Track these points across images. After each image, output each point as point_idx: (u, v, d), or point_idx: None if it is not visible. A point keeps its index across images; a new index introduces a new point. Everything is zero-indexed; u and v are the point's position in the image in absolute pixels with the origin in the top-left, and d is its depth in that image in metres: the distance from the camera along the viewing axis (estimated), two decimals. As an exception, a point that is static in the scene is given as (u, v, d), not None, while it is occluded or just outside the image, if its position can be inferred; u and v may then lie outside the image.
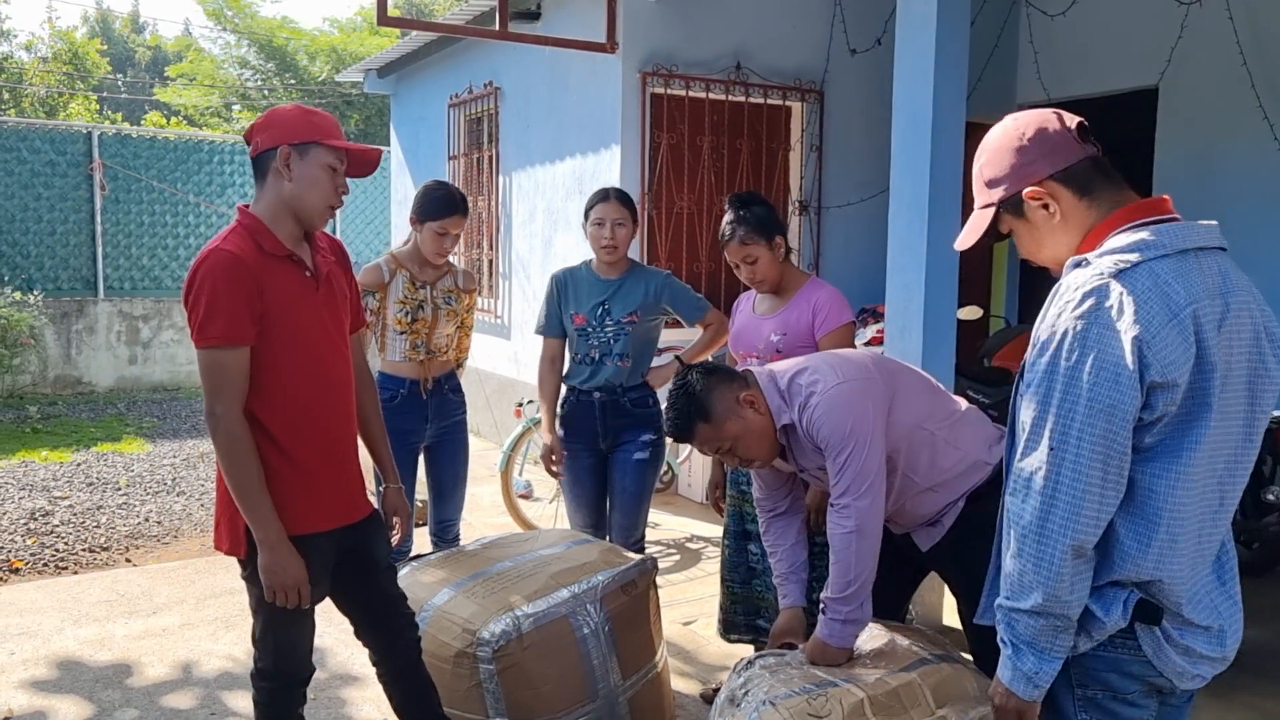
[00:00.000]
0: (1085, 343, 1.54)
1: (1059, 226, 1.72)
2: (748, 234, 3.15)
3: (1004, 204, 1.76)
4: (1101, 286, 1.56)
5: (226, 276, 2.18)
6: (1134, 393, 1.52)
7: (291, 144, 2.26)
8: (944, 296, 3.88)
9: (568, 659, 2.75)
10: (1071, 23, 6.38)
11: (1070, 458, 1.55)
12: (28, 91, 19.47)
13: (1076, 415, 1.54)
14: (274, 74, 19.38)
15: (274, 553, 2.22)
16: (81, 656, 3.79)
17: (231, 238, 2.25)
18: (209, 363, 2.21)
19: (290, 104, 2.36)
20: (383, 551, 2.56)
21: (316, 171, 2.28)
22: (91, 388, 10.30)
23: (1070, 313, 1.57)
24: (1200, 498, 1.59)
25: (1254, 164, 5.57)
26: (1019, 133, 1.75)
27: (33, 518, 5.64)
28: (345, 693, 3.50)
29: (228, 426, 2.20)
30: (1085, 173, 1.72)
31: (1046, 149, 1.72)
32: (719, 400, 2.46)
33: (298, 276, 2.31)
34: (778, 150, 6.62)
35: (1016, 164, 1.73)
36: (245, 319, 2.20)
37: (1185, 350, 1.53)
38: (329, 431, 2.37)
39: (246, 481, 2.21)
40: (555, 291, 3.63)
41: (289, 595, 2.25)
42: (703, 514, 5.73)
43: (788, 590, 2.72)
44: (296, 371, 2.29)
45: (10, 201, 10.01)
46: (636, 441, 3.57)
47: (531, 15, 6.70)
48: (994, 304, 7.27)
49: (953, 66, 3.82)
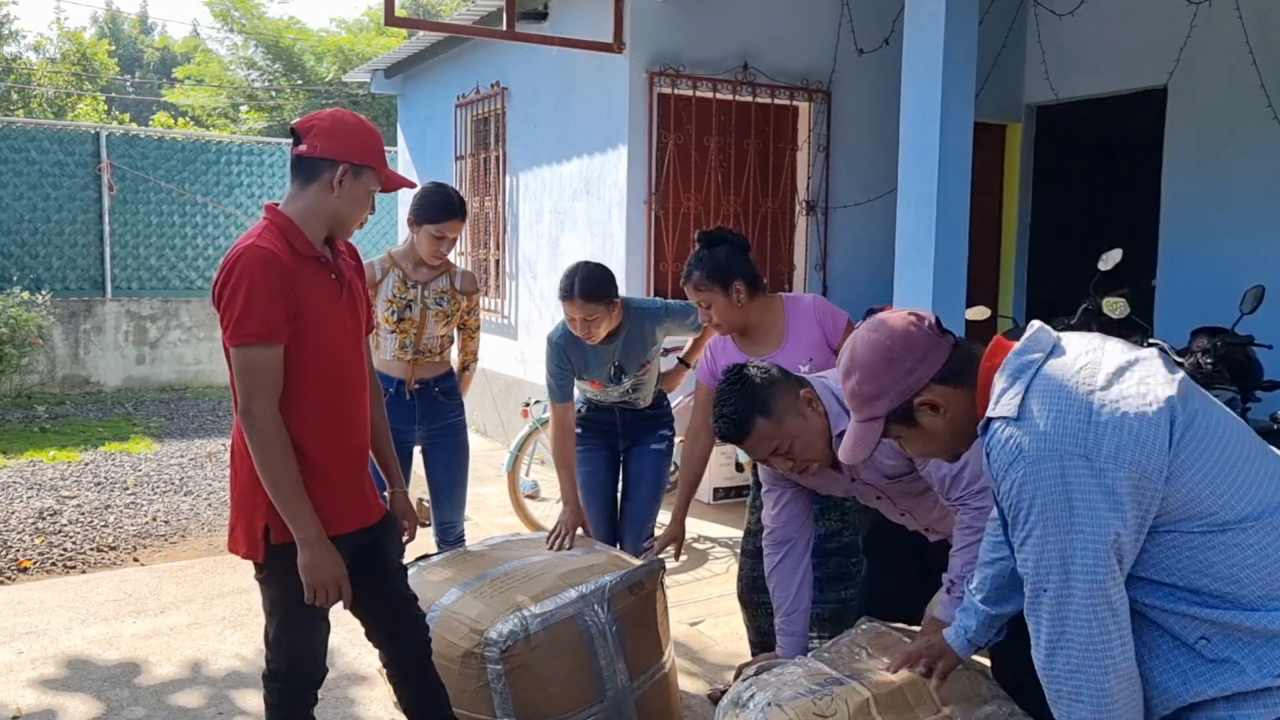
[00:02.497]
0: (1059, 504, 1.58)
1: (950, 422, 1.78)
2: (702, 279, 3.02)
3: (892, 415, 1.81)
4: (1023, 445, 1.60)
5: (264, 273, 2.16)
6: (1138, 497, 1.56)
7: (352, 163, 2.26)
8: (952, 297, 3.88)
9: (575, 659, 2.75)
10: (1080, 22, 6.36)
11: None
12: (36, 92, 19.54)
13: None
14: (281, 74, 19.42)
15: (314, 550, 2.21)
16: (89, 655, 3.80)
17: (265, 235, 2.22)
18: (244, 361, 2.17)
19: (349, 115, 2.32)
20: (394, 553, 2.56)
21: (364, 194, 2.30)
22: (99, 388, 10.33)
23: (1021, 478, 1.60)
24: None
25: (1264, 164, 5.55)
26: (887, 345, 1.80)
27: (41, 517, 5.66)
28: (353, 692, 3.50)
29: (263, 425, 2.17)
30: (958, 363, 1.79)
31: (920, 355, 1.78)
32: (780, 395, 2.34)
33: (325, 278, 2.31)
34: (785, 150, 6.61)
35: (896, 375, 1.79)
36: (280, 317, 2.18)
37: (1148, 436, 1.56)
38: (348, 434, 2.37)
39: (285, 479, 2.18)
40: (561, 360, 3.46)
41: (329, 593, 2.25)
42: (710, 514, 5.72)
43: (785, 643, 2.65)
44: (321, 374, 2.28)
45: (19, 201, 10.04)
46: (654, 435, 3.66)
47: (538, 15, 6.69)
48: (1001, 304, 7.25)
49: (961, 66, 3.81)
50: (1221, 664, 1.57)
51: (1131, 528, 1.55)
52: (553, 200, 6.98)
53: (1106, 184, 8.03)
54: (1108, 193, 8.01)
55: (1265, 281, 4.50)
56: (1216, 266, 5.74)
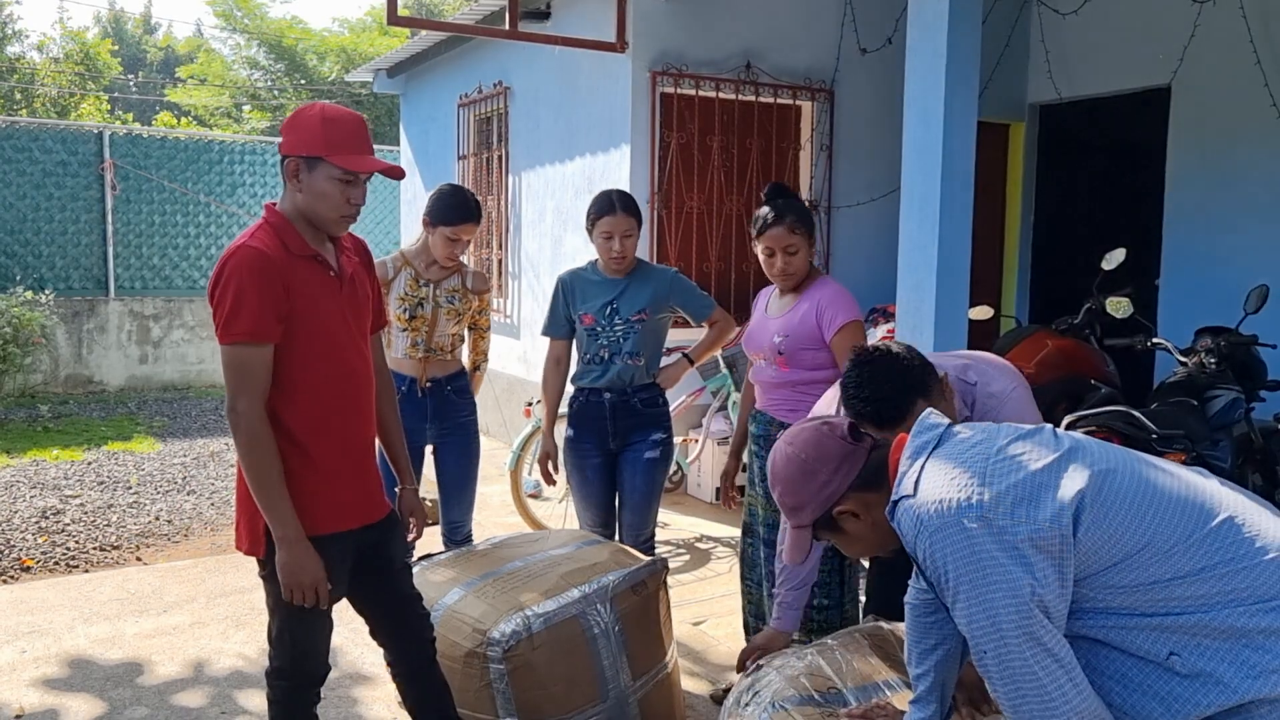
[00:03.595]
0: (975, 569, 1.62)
1: (873, 526, 1.84)
2: (796, 222, 3.10)
3: (816, 523, 1.87)
4: (928, 515, 1.66)
5: (253, 273, 2.17)
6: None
7: (300, 156, 2.24)
8: (955, 296, 3.87)
9: (578, 659, 2.74)
10: (1083, 21, 6.35)
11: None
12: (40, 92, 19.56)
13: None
14: (284, 74, 19.44)
15: (291, 551, 2.21)
16: (92, 654, 3.80)
17: (259, 234, 2.24)
18: (232, 359, 2.19)
19: (317, 106, 2.27)
20: (399, 551, 2.55)
21: (324, 185, 2.24)
22: (102, 387, 10.34)
23: (929, 548, 1.67)
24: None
25: (1268, 164, 5.53)
26: (801, 459, 1.85)
27: (44, 516, 5.66)
28: (356, 691, 3.50)
29: (249, 424, 2.18)
30: (874, 468, 1.83)
31: (834, 466, 1.83)
32: (930, 377, 2.24)
33: (322, 276, 2.31)
34: (788, 150, 6.61)
35: (814, 488, 1.84)
36: (271, 317, 2.18)
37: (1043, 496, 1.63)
38: (349, 431, 2.36)
39: (266, 479, 2.20)
40: (562, 293, 3.62)
41: (306, 594, 2.24)
42: (712, 514, 5.72)
43: (783, 614, 2.66)
44: (318, 371, 2.29)
45: (22, 201, 10.06)
46: (647, 440, 3.55)
47: (541, 15, 6.69)
48: (1005, 304, 7.24)
49: (964, 65, 3.80)
50: (1198, 679, 1.56)
51: (1048, 581, 1.58)
52: (555, 200, 6.98)
53: (1110, 183, 8.02)
54: (1111, 192, 7.99)
55: (1269, 281, 4.48)
56: (1220, 266, 5.73)
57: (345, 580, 2.40)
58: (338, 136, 2.24)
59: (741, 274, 6.43)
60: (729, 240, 6.40)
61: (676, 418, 3.88)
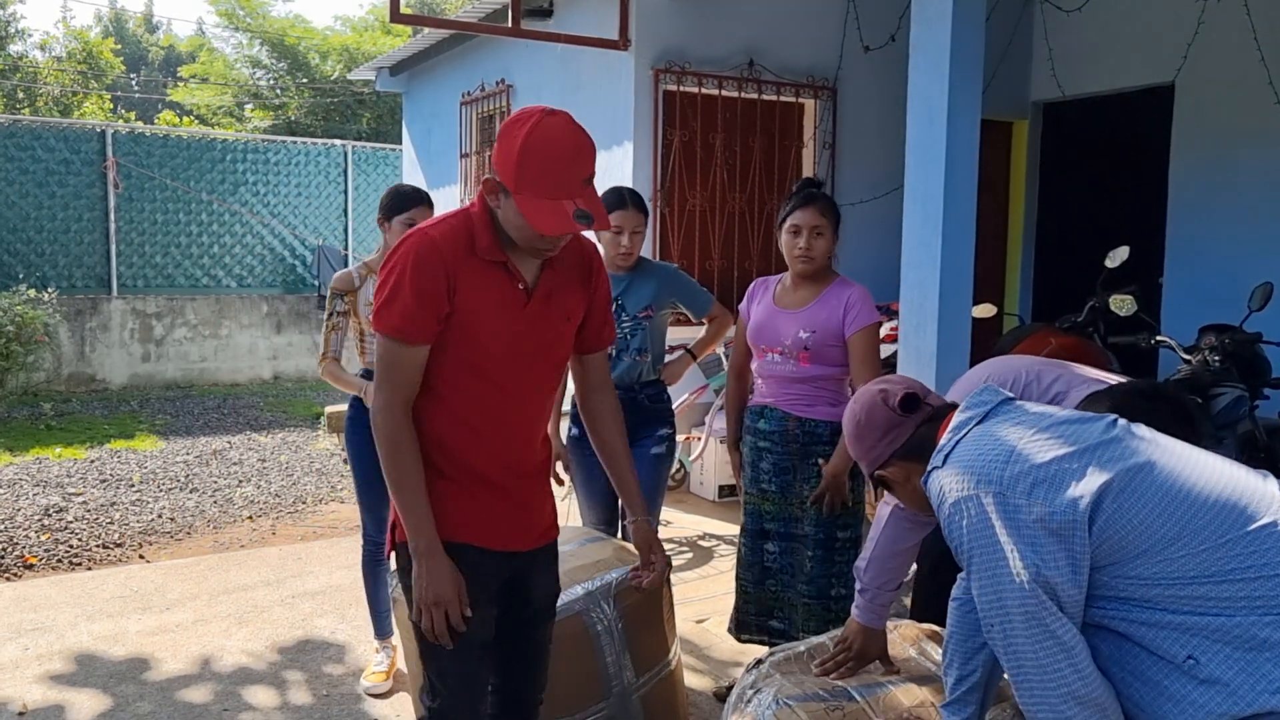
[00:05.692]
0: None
1: (912, 490, 1.95)
2: (826, 206, 3.14)
3: (874, 478, 2.03)
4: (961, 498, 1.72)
5: (418, 266, 1.94)
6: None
7: (497, 179, 1.95)
8: (959, 294, 3.87)
9: (581, 656, 2.74)
10: (1086, 19, 6.34)
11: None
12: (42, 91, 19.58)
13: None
14: (286, 73, 19.44)
15: (422, 563, 1.98)
16: (96, 652, 3.80)
17: (450, 221, 2.01)
18: (381, 349, 2.00)
19: (528, 124, 1.89)
20: (542, 589, 2.27)
21: (514, 219, 1.94)
22: (105, 385, 10.35)
23: (948, 517, 1.74)
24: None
25: (1271, 161, 5.53)
26: (857, 420, 2.02)
27: (47, 514, 5.67)
28: (359, 690, 3.49)
29: (384, 419, 1.99)
30: (920, 441, 1.93)
31: (879, 434, 1.98)
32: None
33: (505, 285, 2.02)
34: (791, 147, 6.60)
35: (863, 449, 2.01)
36: (426, 316, 1.96)
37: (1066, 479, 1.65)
38: (499, 447, 2.09)
39: (402, 481, 1.99)
40: None
41: (435, 615, 1.98)
42: (715, 512, 5.72)
43: (869, 605, 2.36)
44: (470, 384, 2.03)
45: (25, 200, 10.07)
46: (653, 436, 3.53)
47: (544, 12, 6.69)
48: (1008, 302, 7.23)
49: (967, 63, 3.80)
50: (1213, 686, 1.56)
51: (1058, 565, 1.60)
52: (558, 198, 6.96)
53: (1113, 181, 8.00)
54: (1115, 190, 7.98)
55: (1273, 278, 4.47)
56: (1224, 263, 5.72)
57: (491, 616, 2.12)
58: (532, 173, 1.88)
59: (744, 272, 6.42)
60: (731, 238, 6.40)
61: (679, 416, 3.86)
